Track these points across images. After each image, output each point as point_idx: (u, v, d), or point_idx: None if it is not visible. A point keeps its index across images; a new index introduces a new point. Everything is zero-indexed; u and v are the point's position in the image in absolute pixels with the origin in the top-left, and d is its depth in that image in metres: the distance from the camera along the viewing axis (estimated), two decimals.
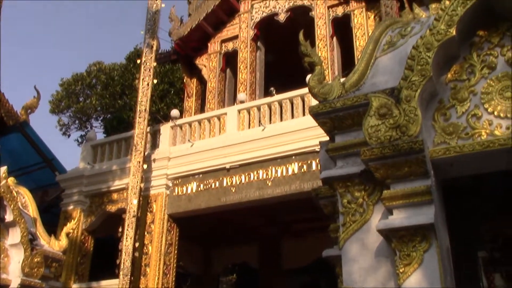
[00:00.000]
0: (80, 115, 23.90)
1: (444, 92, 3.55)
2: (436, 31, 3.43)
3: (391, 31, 4.24)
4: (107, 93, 22.68)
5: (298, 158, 10.62)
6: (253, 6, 14.46)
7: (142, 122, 11.66)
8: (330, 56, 12.77)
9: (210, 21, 14.44)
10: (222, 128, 11.93)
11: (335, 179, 3.61)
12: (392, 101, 3.37)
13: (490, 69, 3.49)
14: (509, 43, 3.51)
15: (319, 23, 13.22)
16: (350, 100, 3.67)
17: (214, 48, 14.67)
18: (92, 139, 13.63)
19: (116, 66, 23.58)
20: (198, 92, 15.08)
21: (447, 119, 3.47)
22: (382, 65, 3.98)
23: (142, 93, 11.93)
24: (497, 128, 3.31)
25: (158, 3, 12.92)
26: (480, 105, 3.42)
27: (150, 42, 12.36)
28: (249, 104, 12.16)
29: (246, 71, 13.77)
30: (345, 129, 3.76)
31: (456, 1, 3.46)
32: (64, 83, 23.60)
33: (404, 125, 3.26)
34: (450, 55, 3.57)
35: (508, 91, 3.38)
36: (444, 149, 3.36)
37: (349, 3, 13.02)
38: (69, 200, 12.60)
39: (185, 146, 11.97)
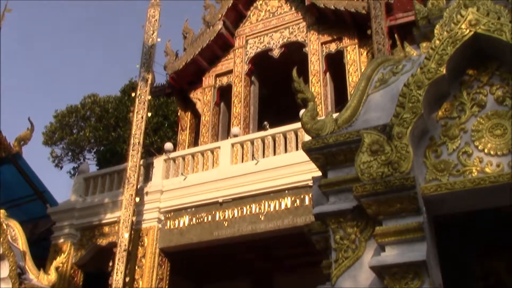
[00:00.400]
0: (73, 147, 23.83)
1: (435, 129, 3.59)
2: (427, 69, 3.49)
3: (383, 69, 4.31)
4: (101, 125, 22.70)
5: (291, 192, 10.62)
6: (247, 41, 14.68)
7: (135, 155, 11.66)
8: (324, 91, 12.92)
9: (205, 55, 14.63)
10: (216, 162, 11.94)
11: (327, 215, 3.61)
12: (384, 137, 3.40)
13: (480, 107, 3.54)
14: (498, 82, 3.57)
15: (313, 59, 13.41)
16: (342, 136, 3.71)
17: (208, 82, 14.81)
18: (85, 171, 13.58)
19: (110, 98, 23.67)
20: (192, 125, 15.15)
21: (438, 156, 3.50)
22: (374, 102, 4.03)
23: (136, 126, 11.96)
24: (488, 165, 3.34)
25: (154, 37, 13.10)
26: (471, 142, 3.46)
27: (145, 75, 12.47)
28: (242, 138, 12.22)
29: (240, 105, 13.88)
30: (338, 165, 3.77)
31: (446, 41, 3.54)
32: (58, 115, 23.62)
33: (396, 162, 3.28)
34: (441, 93, 3.62)
35: (498, 129, 3.42)
36: (436, 186, 3.38)
37: (342, 40, 13.26)
38: (59, 233, 12.47)
39: (178, 179, 11.95)
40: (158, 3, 13.63)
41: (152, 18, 13.38)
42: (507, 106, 3.47)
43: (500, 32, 3.40)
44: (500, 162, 3.32)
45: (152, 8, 13.62)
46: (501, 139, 3.38)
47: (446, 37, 3.56)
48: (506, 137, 3.38)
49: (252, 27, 14.84)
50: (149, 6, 13.74)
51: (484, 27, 3.46)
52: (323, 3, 13.08)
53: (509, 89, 3.51)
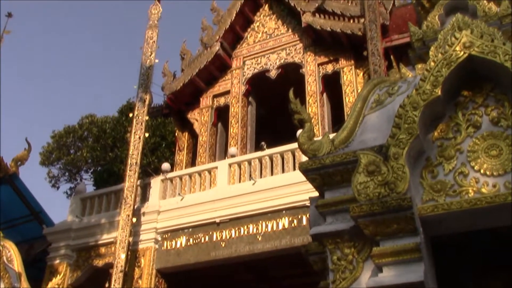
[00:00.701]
0: (70, 167, 23.78)
1: (431, 150, 3.62)
2: (422, 91, 3.53)
3: (379, 90, 4.35)
4: (98, 146, 22.69)
5: (289, 212, 10.60)
6: (245, 62, 14.79)
7: (132, 175, 11.65)
8: (320, 112, 12.98)
9: (202, 76, 14.72)
10: (213, 182, 11.94)
11: (324, 235, 3.61)
12: (381, 158, 3.42)
13: (475, 128, 3.58)
14: (493, 103, 3.61)
15: (310, 79, 13.51)
16: (339, 157, 3.73)
17: (206, 103, 14.88)
18: (82, 191, 13.55)
19: (108, 119, 23.71)
20: (189, 145, 15.17)
21: (435, 177, 3.52)
22: (370, 123, 4.06)
23: (134, 146, 11.98)
24: (484, 186, 3.36)
25: (152, 58, 13.20)
26: (467, 163, 3.48)
27: (142, 96, 12.54)
28: (240, 158, 12.23)
29: (237, 125, 13.92)
30: (335, 186, 3.79)
31: (441, 63, 3.59)
32: (55, 135, 23.62)
33: (393, 182, 3.30)
34: (436, 114, 3.66)
35: (494, 150, 3.45)
36: (432, 206, 3.39)
37: (339, 61, 13.37)
38: (55, 254, 12.39)
39: (175, 199, 11.93)
40: (156, 25, 13.76)
41: (150, 39, 13.49)
42: (502, 127, 3.50)
43: (494, 54, 3.45)
44: (496, 182, 3.34)
45: (150, 29, 13.75)
46: (497, 160, 3.41)
47: (440, 59, 3.60)
48: (502, 158, 3.40)
49: (249, 48, 14.97)
50: (147, 27, 13.88)
51: (478, 49, 3.52)
52: (320, 25, 13.22)
53: (503, 110, 3.55)
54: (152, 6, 14.27)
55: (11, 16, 12.76)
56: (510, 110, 3.52)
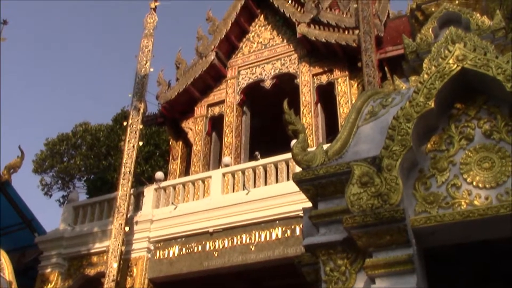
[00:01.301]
0: (63, 175, 23.66)
1: (424, 161, 3.63)
2: (416, 103, 3.55)
3: (373, 101, 4.37)
4: (92, 154, 22.61)
5: (282, 222, 10.59)
6: (239, 72, 14.83)
7: (126, 184, 11.62)
8: (315, 122, 13.02)
9: (197, 85, 14.74)
10: (206, 191, 11.92)
11: (317, 246, 3.61)
12: (374, 169, 3.43)
13: (468, 141, 3.60)
14: (486, 116, 3.63)
15: (304, 90, 13.56)
16: (333, 168, 3.74)
17: (200, 112, 14.89)
18: (74, 200, 13.50)
19: (102, 127, 23.66)
20: (183, 154, 15.15)
21: (428, 188, 3.53)
22: (364, 134, 4.08)
23: (127, 155, 11.96)
24: (476, 198, 3.37)
25: (147, 67, 13.22)
26: (459, 175, 3.49)
27: (137, 105, 12.54)
28: (233, 167, 12.23)
29: (231, 135, 13.93)
30: (328, 196, 3.79)
31: (434, 75, 3.61)
32: (49, 143, 23.53)
33: (386, 194, 3.31)
34: (430, 126, 3.68)
35: (486, 162, 3.47)
36: (425, 218, 3.40)
37: (333, 71, 13.44)
38: (47, 263, 12.30)
39: (169, 208, 11.90)
40: (151, 34, 13.79)
41: (145, 48, 13.52)
42: (494, 139, 3.52)
43: (487, 67, 3.48)
44: (489, 195, 3.36)
45: (145, 38, 13.77)
46: (489, 172, 3.43)
47: (434, 72, 3.63)
48: (494, 170, 3.42)
49: (244, 58, 15.01)
50: (142, 36, 13.90)
51: (471, 62, 3.54)
52: (315, 36, 13.29)
53: (496, 123, 3.57)
54: (147, 15, 14.31)
55: (6, 23, 12.76)
56: (502, 123, 3.55)
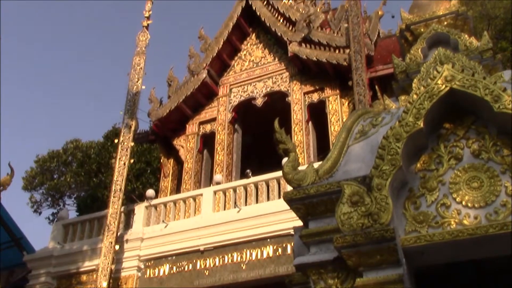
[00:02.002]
0: (53, 192, 23.49)
1: (414, 181, 3.66)
2: (405, 123, 3.58)
3: (363, 121, 4.41)
4: (82, 171, 22.49)
5: (273, 241, 10.57)
6: (231, 90, 14.89)
7: (116, 202, 11.56)
8: (306, 140, 13.07)
9: (189, 103, 14.77)
10: (197, 209, 11.89)
11: (308, 266, 3.60)
12: (364, 189, 3.45)
13: (457, 160, 3.63)
14: (474, 136, 3.67)
15: (295, 108, 13.62)
16: (323, 187, 3.75)
17: (192, 130, 14.90)
18: (64, 218, 13.39)
19: (93, 144, 23.57)
20: (174, 172, 15.11)
21: (417, 208, 3.55)
22: (354, 153, 4.10)
23: (118, 172, 11.92)
24: (466, 217, 3.39)
25: (139, 85, 13.24)
26: (449, 194, 3.52)
27: (128, 122, 12.53)
28: (225, 185, 12.22)
29: (223, 152, 13.93)
30: (319, 215, 3.80)
31: (423, 96, 3.65)
32: (39, 160, 23.40)
33: (376, 213, 3.32)
34: (419, 145, 3.71)
35: (475, 182, 3.50)
36: (415, 238, 3.41)
37: (324, 90, 13.53)
38: (35, 282, 12.16)
39: (159, 226, 11.84)
40: (143, 52, 13.85)
41: (137, 66, 13.56)
42: (483, 159, 3.56)
43: (474, 88, 3.52)
44: (478, 214, 3.38)
45: (137, 56, 13.83)
46: (478, 192, 3.45)
47: (423, 92, 3.67)
48: (483, 190, 3.45)
49: (236, 76, 15.09)
50: (134, 54, 13.95)
51: (459, 83, 3.59)
52: (306, 55, 13.40)
53: (484, 143, 3.61)
54: (140, 33, 14.38)
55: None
56: (490, 143, 3.58)
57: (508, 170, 3.44)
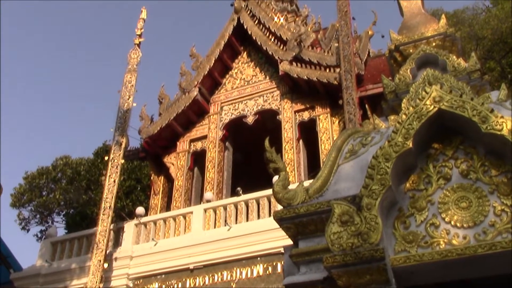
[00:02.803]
0: (42, 209, 23.26)
1: (403, 200, 3.67)
2: (394, 143, 3.61)
3: (353, 140, 4.43)
4: (72, 188, 22.32)
5: (264, 259, 10.52)
6: (222, 108, 14.94)
7: (105, 219, 11.49)
8: (297, 158, 13.10)
9: (180, 121, 14.79)
10: (188, 227, 11.83)
11: (298, 285, 3.59)
12: (354, 208, 3.46)
13: (445, 180, 3.65)
14: (462, 156, 3.70)
15: (286, 126, 13.68)
16: (313, 206, 3.75)
17: (182, 147, 14.89)
18: (52, 235, 13.27)
19: (83, 160, 23.44)
20: (165, 189, 15.06)
21: (407, 227, 3.56)
22: (344, 172, 4.12)
23: (108, 189, 11.86)
24: (455, 237, 3.40)
25: (130, 102, 13.25)
26: (438, 214, 3.53)
27: (119, 139, 12.51)
28: (215, 203, 12.19)
29: (213, 170, 13.92)
30: (309, 235, 3.80)
31: (412, 116, 3.69)
32: (28, 177, 23.19)
33: (366, 233, 3.32)
34: (408, 165, 3.73)
35: (464, 202, 3.52)
36: (405, 257, 3.41)
37: (315, 108, 13.61)
38: None
39: (149, 244, 11.76)
40: (135, 69, 13.88)
41: (129, 83, 13.58)
42: (471, 179, 3.58)
43: (462, 109, 3.56)
44: (467, 234, 3.40)
45: (128, 73, 13.86)
46: (467, 212, 3.47)
47: (412, 112, 3.71)
48: (472, 210, 3.47)
49: (227, 94, 15.15)
50: (126, 71, 13.98)
51: (448, 103, 3.63)
52: (297, 73, 13.50)
53: (472, 163, 3.64)
54: (131, 50, 14.43)
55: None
56: (478, 163, 3.62)
57: (496, 190, 3.47)
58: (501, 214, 3.37)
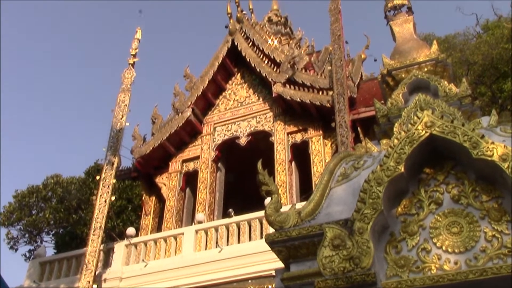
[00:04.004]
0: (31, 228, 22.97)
1: (395, 225, 3.68)
2: (386, 167, 3.63)
3: (345, 163, 4.45)
4: (62, 207, 22.10)
5: (255, 282, 10.44)
6: (215, 129, 14.96)
7: (95, 240, 11.38)
8: (289, 180, 13.10)
9: (172, 141, 14.78)
10: (178, 249, 11.74)
11: None
12: (346, 232, 3.46)
13: (437, 205, 3.67)
14: (454, 181, 3.72)
15: (279, 148, 13.70)
16: (305, 229, 3.75)
17: (175, 168, 14.85)
18: (41, 255, 13.12)
19: (74, 179, 23.25)
20: (156, 210, 14.98)
21: (399, 252, 3.56)
22: (336, 196, 4.13)
23: (99, 209, 11.78)
24: (446, 263, 3.41)
25: (123, 121, 13.24)
26: (429, 239, 3.54)
27: (111, 159, 12.47)
28: (207, 224, 12.12)
29: (205, 191, 13.88)
30: (300, 258, 3.78)
31: (404, 141, 3.71)
32: (18, 195, 22.94)
33: (357, 257, 3.32)
34: (400, 190, 3.75)
35: (455, 227, 3.53)
36: (396, 282, 3.40)
37: (308, 130, 13.66)
38: None
39: (139, 266, 11.64)
40: (128, 89, 13.91)
41: (122, 103, 13.60)
42: (462, 204, 3.60)
43: (454, 134, 3.59)
44: (458, 259, 3.40)
45: (122, 93, 13.88)
46: (458, 237, 3.48)
47: (403, 137, 3.73)
48: (463, 235, 3.48)
49: (220, 115, 15.19)
50: (119, 91, 14.00)
51: (439, 129, 3.66)
52: (290, 96, 13.58)
53: (464, 188, 3.66)
54: (126, 70, 14.48)
55: None
56: (469, 188, 3.64)
57: (487, 215, 3.49)
58: (492, 240, 3.39)
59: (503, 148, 3.40)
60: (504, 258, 3.29)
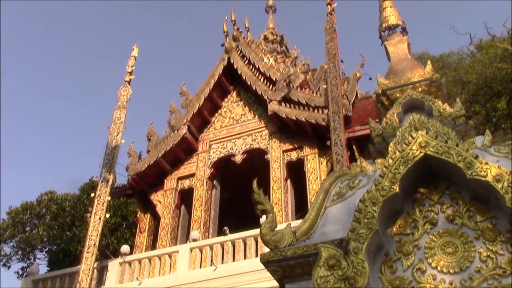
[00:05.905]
0: (24, 245, 22.81)
1: (390, 245, 3.68)
2: (381, 187, 3.64)
3: (340, 183, 4.46)
4: (56, 224, 21.98)
5: None
6: (211, 146, 14.97)
7: (89, 258, 11.30)
8: (284, 198, 13.08)
9: (168, 158, 14.77)
10: (173, 267, 11.67)
11: None
12: (341, 252, 3.45)
13: (432, 225, 3.67)
14: (448, 201, 3.74)
15: (274, 166, 13.71)
16: (300, 249, 3.74)
17: (170, 185, 14.82)
18: (34, 273, 13.00)
19: (68, 196, 23.17)
20: (151, 227, 14.90)
21: (394, 272, 3.55)
22: (331, 215, 4.13)
23: (93, 227, 11.72)
24: (441, 283, 3.40)
25: (118, 138, 13.25)
26: (424, 259, 3.54)
27: (106, 176, 12.44)
28: (202, 242, 12.07)
29: (201, 208, 13.84)
30: (296, 278, 3.77)
31: (399, 160, 3.73)
32: (11, 212, 22.83)
33: (352, 277, 3.31)
34: (395, 209, 3.76)
35: (449, 247, 3.53)
36: None
37: (303, 148, 13.69)
38: None
39: (133, 284, 11.56)
40: (124, 106, 13.94)
41: (118, 120, 13.61)
42: (457, 224, 3.61)
43: (448, 154, 3.61)
44: (453, 280, 3.39)
45: (118, 110, 13.90)
46: (453, 257, 3.48)
47: (398, 157, 3.75)
48: (458, 255, 3.48)
49: (216, 133, 15.21)
50: (115, 108, 14.03)
51: (433, 149, 3.68)
52: (285, 114, 13.63)
53: (458, 208, 3.67)
54: (122, 87, 14.52)
55: None
56: (464, 208, 3.65)
57: (481, 236, 3.49)
58: (487, 260, 3.39)
59: (497, 169, 3.42)
60: (499, 279, 3.29)
